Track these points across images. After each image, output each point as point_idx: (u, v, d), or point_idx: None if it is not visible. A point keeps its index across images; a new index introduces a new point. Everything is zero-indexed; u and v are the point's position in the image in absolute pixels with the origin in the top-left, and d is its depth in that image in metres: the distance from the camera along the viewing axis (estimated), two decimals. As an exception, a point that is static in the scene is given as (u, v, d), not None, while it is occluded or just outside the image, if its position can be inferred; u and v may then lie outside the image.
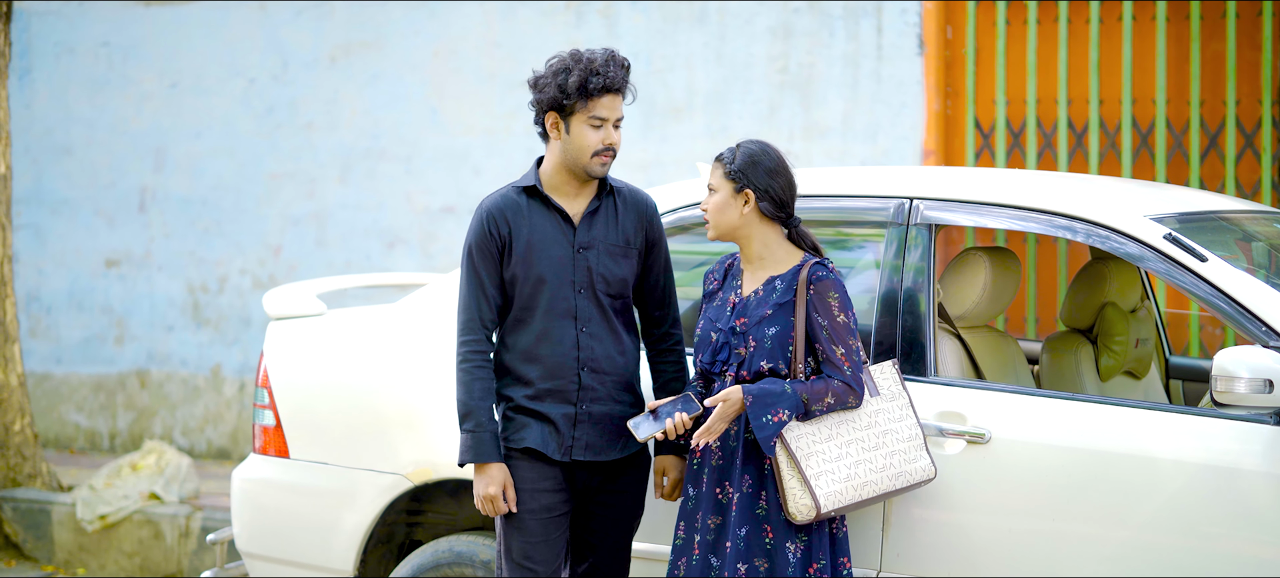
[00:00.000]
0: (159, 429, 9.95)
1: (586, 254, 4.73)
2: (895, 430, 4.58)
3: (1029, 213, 4.82)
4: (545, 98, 4.71)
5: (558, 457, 4.73)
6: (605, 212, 4.77)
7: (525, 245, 4.71)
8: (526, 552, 4.73)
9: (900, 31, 8.34)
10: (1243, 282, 4.52)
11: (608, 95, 4.68)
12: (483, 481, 4.70)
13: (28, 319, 10.20)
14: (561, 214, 4.74)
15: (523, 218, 4.73)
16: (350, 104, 9.52)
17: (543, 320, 4.72)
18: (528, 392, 4.73)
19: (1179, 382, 5.99)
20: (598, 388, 4.74)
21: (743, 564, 4.51)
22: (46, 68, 10.23)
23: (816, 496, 4.43)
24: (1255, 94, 7.84)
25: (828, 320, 4.50)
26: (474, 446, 4.69)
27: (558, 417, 4.73)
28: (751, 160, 4.59)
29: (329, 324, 5.64)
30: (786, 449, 4.45)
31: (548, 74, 4.70)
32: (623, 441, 4.77)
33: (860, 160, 8.40)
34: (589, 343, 4.73)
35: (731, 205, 4.59)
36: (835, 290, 4.51)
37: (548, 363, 4.72)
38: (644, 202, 4.85)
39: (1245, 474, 4.41)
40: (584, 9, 8.96)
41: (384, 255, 9.43)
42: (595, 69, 4.66)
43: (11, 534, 8.45)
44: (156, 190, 9.98)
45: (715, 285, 4.72)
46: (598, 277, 4.73)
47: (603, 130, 4.69)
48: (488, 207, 4.76)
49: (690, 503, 4.66)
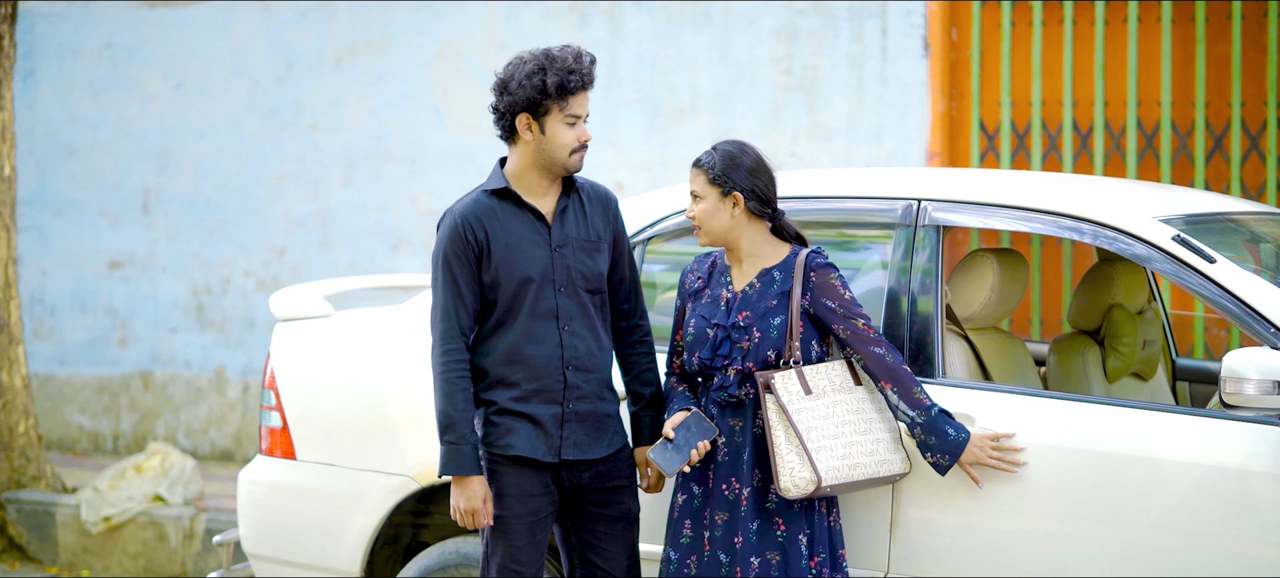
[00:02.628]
0: (163, 431, 9.95)
1: (563, 252, 4.74)
2: (879, 420, 4.64)
3: (1037, 214, 4.82)
4: (519, 99, 4.70)
5: (548, 458, 4.73)
6: (573, 209, 4.80)
7: (504, 248, 4.71)
8: (513, 555, 4.74)
9: (905, 33, 8.34)
10: (1251, 283, 4.52)
11: (582, 92, 4.70)
12: (462, 494, 4.70)
13: (31, 321, 10.20)
14: (534, 214, 4.75)
15: (497, 221, 4.73)
16: (354, 105, 9.52)
17: (526, 322, 4.72)
18: (513, 394, 4.73)
19: (1186, 384, 5.99)
20: (583, 386, 4.75)
21: (755, 558, 4.54)
22: (50, 69, 10.24)
23: (819, 468, 4.47)
24: (1260, 96, 7.83)
25: (838, 302, 4.59)
26: (454, 458, 4.68)
27: (545, 417, 4.73)
28: (732, 162, 4.63)
29: (336, 326, 5.64)
30: (787, 421, 4.49)
31: (520, 76, 4.69)
32: (608, 436, 4.79)
33: (865, 162, 8.40)
34: (572, 341, 4.74)
35: (721, 210, 4.64)
36: (835, 274, 4.61)
37: (533, 364, 4.72)
38: (605, 195, 4.88)
39: (1253, 476, 4.41)
40: (588, 10, 8.96)
41: (388, 257, 9.43)
42: (570, 67, 4.67)
43: (16, 536, 8.45)
44: (160, 192, 9.98)
45: (700, 284, 4.75)
46: (577, 274, 4.75)
47: (578, 127, 4.71)
48: (460, 212, 4.74)
49: (696, 501, 4.68)
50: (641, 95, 8.89)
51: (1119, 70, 7.99)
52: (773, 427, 4.51)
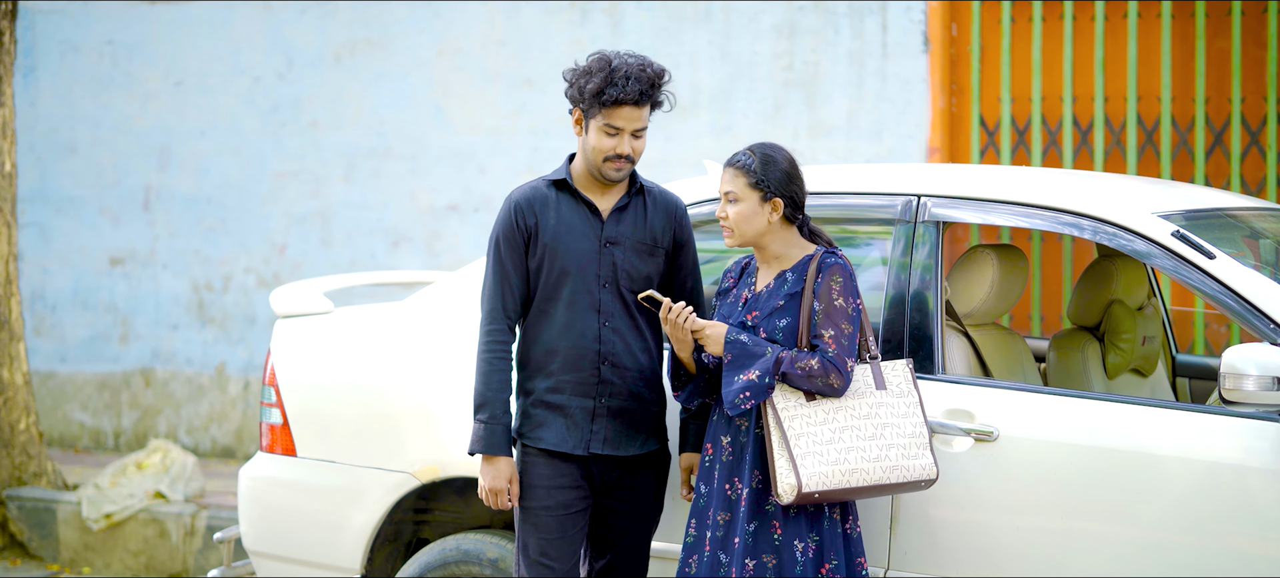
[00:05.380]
0: (163, 428, 9.95)
1: (613, 249, 4.74)
2: (897, 425, 4.53)
3: (1037, 210, 4.82)
4: (571, 96, 4.73)
5: (577, 451, 4.74)
6: (634, 209, 4.78)
7: (551, 236, 4.72)
8: (543, 549, 4.74)
9: (905, 29, 8.34)
10: (1251, 279, 4.52)
11: (626, 106, 4.65)
12: (490, 473, 4.72)
13: (32, 318, 10.20)
14: (590, 207, 4.75)
15: (550, 209, 4.74)
16: (355, 103, 9.52)
17: (566, 312, 4.73)
18: (548, 383, 4.75)
19: (1186, 380, 5.99)
20: (617, 382, 4.75)
21: (750, 560, 4.51)
22: (51, 66, 10.24)
23: (800, 474, 4.41)
24: (1260, 91, 7.83)
25: (824, 303, 4.51)
26: (486, 437, 4.70)
27: (577, 410, 4.74)
28: (772, 164, 4.59)
29: (336, 322, 5.64)
30: (779, 427, 4.47)
31: (578, 71, 4.72)
32: (641, 437, 4.78)
33: (865, 158, 8.40)
34: (611, 338, 4.74)
35: (758, 214, 4.59)
36: (840, 276, 4.52)
37: (568, 355, 4.73)
38: (673, 203, 4.85)
39: (1253, 472, 4.40)
40: (589, 8, 8.96)
41: (389, 254, 9.43)
42: (614, 79, 4.64)
43: (17, 533, 8.46)
44: (161, 189, 9.99)
45: (731, 283, 4.74)
46: (623, 272, 4.74)
47: (616, 138, 4.68)
48: (516, 198, 4.78)
49: (701, 500, 4.67)
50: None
51: (1119, 66, 7.99)
52: (770, 431, 4.49)
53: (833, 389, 4.50)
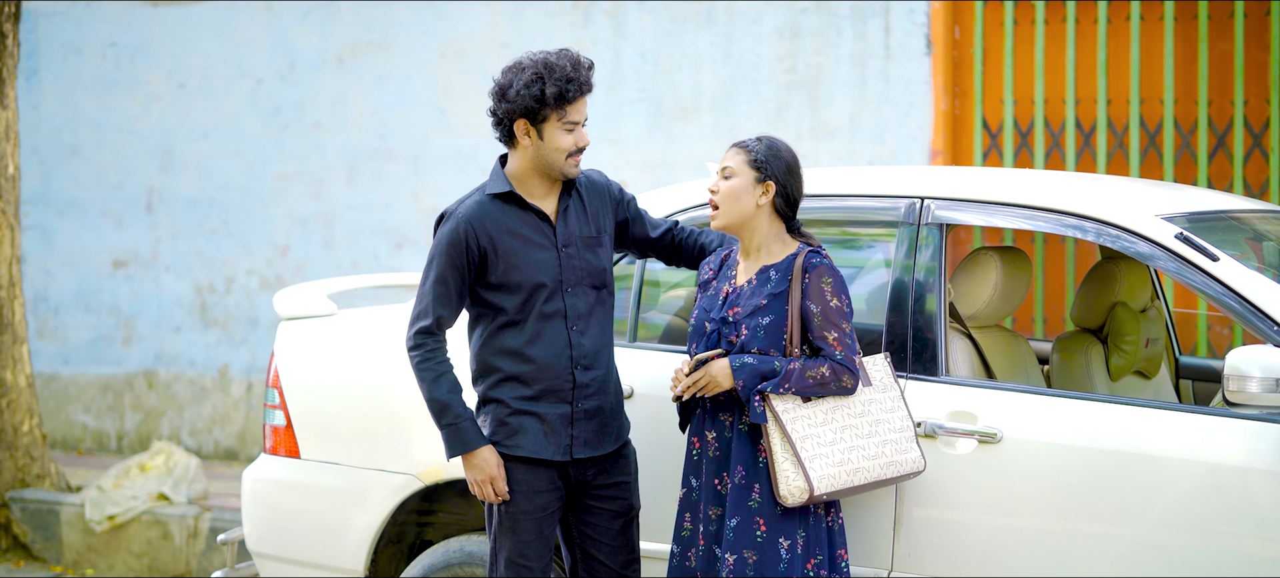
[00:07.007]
0: (166, 430, 9.96)
1: (568, 251, 4.77)
2: (887, 421, 4.60)
3: (1040, 212, 4.82)
4: (517, 107, 4.73)
5: (558, 457, 4.76)
6: (575, 206, 4.83)
7: (510, 253, 4.73)
8: (521, 551, 4.78)
9: (908, 31, 8.34)
10: (1254, 281, 4.52)
11: (581, 99, 4.72)
12: (476, 468, 4.74)
13: (35, 320, 10.21)
14: (538, 215, 4.77)
15: (501, 227, 4.75)
16: (357, 104, 9.53)
17: (536, 323, 4.75)
18: (523, 393, 4.76)
19: (1189, 382, 5.99)
20: (590, 384, 4.78)
21: (731, 555, 4.52)
22: (54, 68, 10.24)
23: (811, 477, 4.44)
24: (1263, 94, 7.83)
25: (820, 306, 4.52)
26: (457, 437, 4.73)
27: (554, 417, 4.76)
28: (775, 153, 4.61)
29: (340, 324, 5.65)
30: (782, 430, 4.47)
31: (519, 84, 4.72)
32: (614, 430, 4.82)
33: (868, 160, 8.40)
34: (580, 340, 4.77)
35: (749, 193, 4.59)
36: (829, 276, 4.53)
37: (542, 363, 4.75)
38: (601, 183, 4.91)
39: (1256, 474, 4.41)
40: (591, 9, 8.97)
41: (391, 256, 9.44)
42: (568, 76, 4.69)
43: (20, 535, 8.46)
44: (164, 191, 9.99)
45: (710, 276, 4.74)
46: (581, 272, 4.78)
47: (576, 133, 4.73)
48: (465, 216, 4.76)
49: (693, 495, 4.68)
50: (644, 94, 8.89)
51: (1122, 68, 7.99)
52: (771, 435, 4.50)
53: (846, 390, 4.55)
